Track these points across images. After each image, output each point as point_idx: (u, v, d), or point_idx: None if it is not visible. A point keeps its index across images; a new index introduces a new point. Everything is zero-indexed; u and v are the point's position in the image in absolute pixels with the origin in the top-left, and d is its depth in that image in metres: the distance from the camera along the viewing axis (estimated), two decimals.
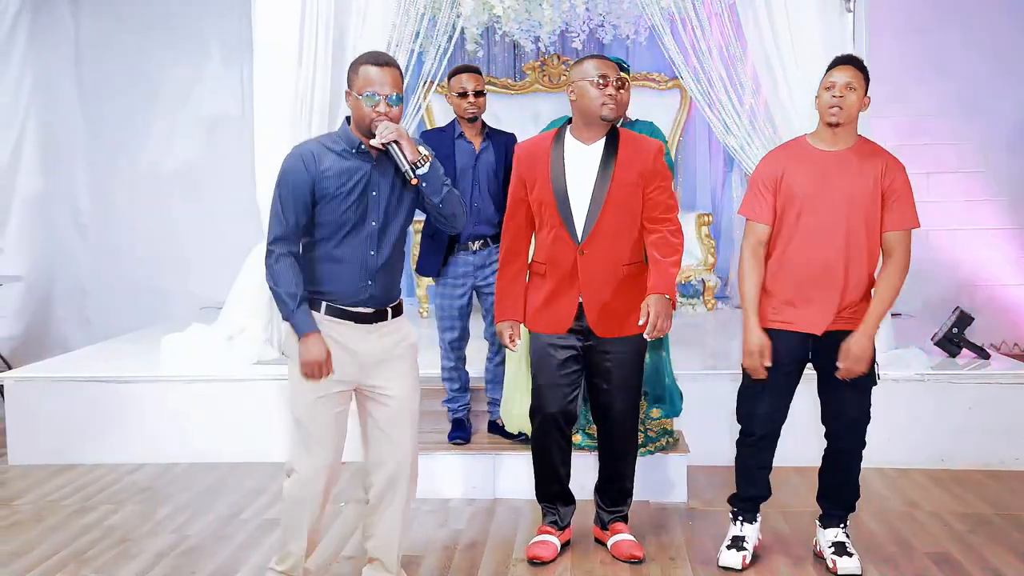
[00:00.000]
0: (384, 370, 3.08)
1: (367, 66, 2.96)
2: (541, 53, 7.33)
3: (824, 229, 3.37)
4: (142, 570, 3.66)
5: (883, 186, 3.36)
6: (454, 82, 4.36)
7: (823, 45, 4.73)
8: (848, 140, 3.43)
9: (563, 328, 3.51)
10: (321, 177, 2.94)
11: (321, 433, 3.05)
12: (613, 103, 3.38)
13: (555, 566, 3.63)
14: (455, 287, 4.42)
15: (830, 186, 3.38)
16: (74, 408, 5.04)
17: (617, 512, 3.75)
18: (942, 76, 6.93)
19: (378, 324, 3.06)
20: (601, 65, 3.41)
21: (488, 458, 4.43)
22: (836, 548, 3.55)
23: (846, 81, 3.34)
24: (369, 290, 3.02)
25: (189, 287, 7.41)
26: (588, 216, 3.43)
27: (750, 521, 3.66)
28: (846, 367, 3.36)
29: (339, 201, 2.95)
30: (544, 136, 3.61)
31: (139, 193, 7.65)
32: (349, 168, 2.97)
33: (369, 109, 2.93)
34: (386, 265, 3.05)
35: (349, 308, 3.02)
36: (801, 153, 3.47)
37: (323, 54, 5.00)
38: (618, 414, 3.58)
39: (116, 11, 7.59)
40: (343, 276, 3.00)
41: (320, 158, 2.96)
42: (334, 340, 2.99)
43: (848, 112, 3.35)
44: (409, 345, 3.16)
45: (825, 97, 3.37)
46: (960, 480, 4.56)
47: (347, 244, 2.99)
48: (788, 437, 3.71)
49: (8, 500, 4.50)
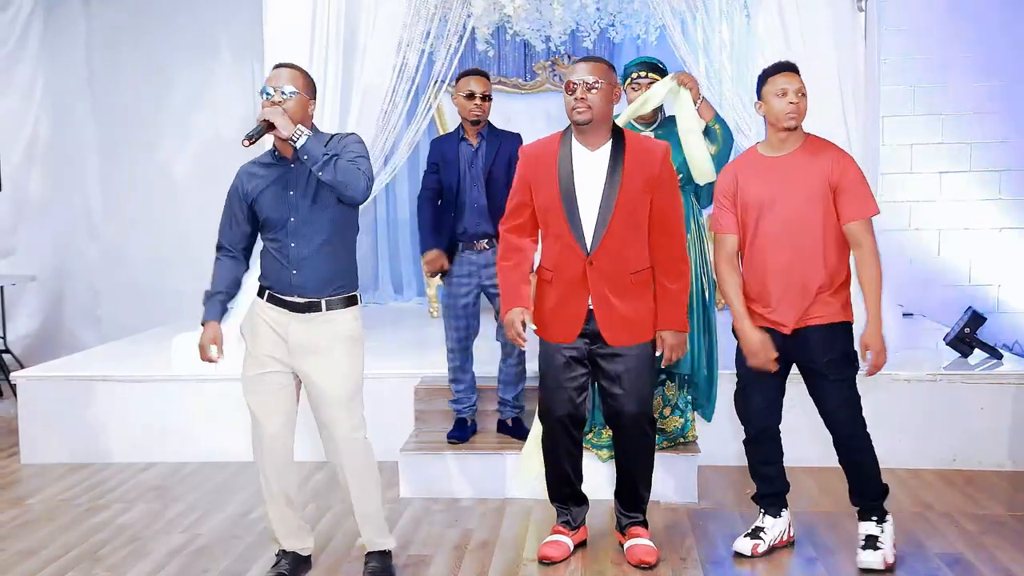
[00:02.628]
0: (311, 358, 3.36)
1: (272, 70, 3.40)
2: (552, 52, 7.33)
3: (781, 232, 3.48)
4: (153, 569, 3.67)
5: (833, 181, 3.45)
6: (461, 84, 4.40)
7: (834, 44, 4.73)
8: (796, 142, 3.54)
9: (571, 337, 3.51)
10: (252, 189, 3.37)
11: (259, 407, 3.42)
12: (583, 106, 3.35)
13: (566, 566, 3.63)
14: (460, 286, 4.44)
15: (783, 190, 3.48)
16: (86, 407, 5.06)
17: (634, 517, 3.72)
18: (953, 75, 6.90)
19: (311, 314, 3.36)
20: (572, 70, 3.42)
21: (499, 458, 4.43)
22: (867, 541, 3.57)
23: (798, 87, 3.49)
24: (294, 279, 3.34)
25: (200, 287, 7.38)
26: (597, 226, 3.41)
27: (773, 515, 3.73)
28: (872, 362, 3.48)
29: (263, 203, 3.36)
30: (550, 140, 3.54)
31: (151, 193, 7.69)
32: (270, 174, 3.37)
33: (263, 101, 3.31)
34: (311, 258, 3.33)
35: (282, 296, 3.37)
36: (752, 162, 3.59)
37: (334, 53, 5.00)
38: (629, 419, 3.55)
39: (128, 12, 7.63)
40: (274, 267, 3.38)
41: (252, 174, 3.40)
42: (269, 325, 3.38)
43: (803, 116, 3.51)
44: (345, 337, 3.40)
45: (780, 104, 3.48)
46: (972, 481, 4.54)
47: (276, 239, 3.36)
48: (797, 438, 3.71)
49: (20, 499, 4.52)
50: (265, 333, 3.39)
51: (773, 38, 4.88)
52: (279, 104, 3.26)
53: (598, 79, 3.36)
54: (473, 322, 4.51)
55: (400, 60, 5.22)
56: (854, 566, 3.54)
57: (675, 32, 5.13)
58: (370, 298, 7.98)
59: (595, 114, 3.37)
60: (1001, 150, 6.91)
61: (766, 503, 3.74)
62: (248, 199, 3.38)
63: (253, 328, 3.43)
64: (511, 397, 4.58)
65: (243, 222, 3.43)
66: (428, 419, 4.77)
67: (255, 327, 3.42)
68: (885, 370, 4.67)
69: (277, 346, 3.37)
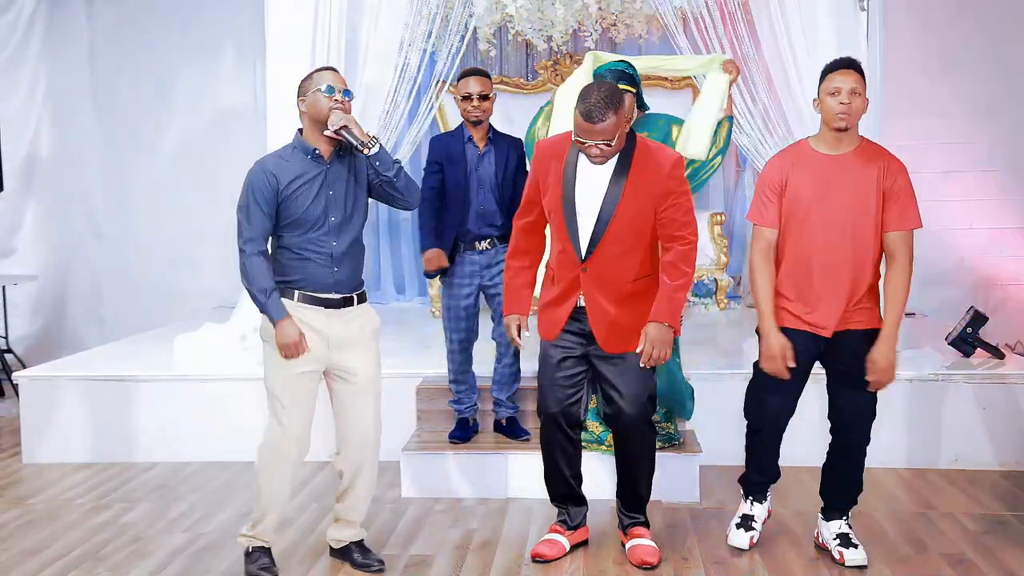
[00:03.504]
0: (351, 351, 3.45)
1: (321, 72, 3.40)
2: (553, 52, 7.32)
3: (828, 232, 3.41)
4: (155, 568, 3.68)
5: (884, 187, 3.39)
6: (461, 85, 4.38)
7: (837, 44, 4.72)
8: (851, 143, 3.45)
9: (552, 335, 3.53)
10: (283, 185, 3.32)
11: (292, 407, 3.41)
12: (600, 160, 3.32)
13: (567, 565, 3.63)
14: (461, 287, 4.43)
15: (833, 189, 3.40)
16: (88, 407, 5.06)
17: (635, 517, 3.71)
18: (957, 74, 6.89)
19: (345, 309, 3.44)
20: (583, 129, 3.25)
21: (500, 458, 4.43)
22: (841, 540, 3.58)
23: (851, 87, 3.37)
24: (335, 276, 3.40)
25: (203, 286, 7.43)
26: (592, 235, 3.40)
27: (760, 500, 3.75)
28: (876, 379, 3.41)
29: (301, 202, 3.33)
30: (564, 139, 3.49)
31: (153, 192, 7.68)
32: (306, 173, 3.35)
33: (327, 99, 3.31)
34: (347, 255, 3.42)
35: (319, 295, 3.39)
36: (804, 157, 3.49)
37: (336, 53, 5.01)
38: (629, 420, 3.53)
39: (130, 11, 7.62)
40: (311, 266, 3.38)
41: (280, 168, 3.34)
42: (307, 324, 3.36)
43: (855, 117, 3.39)
44: (373, 330, 3.53)
45: (831, 103, 3.38)
46: (975, 481, 4.54)
47: (312, 238, 3.37)
48: (798, 438, 3.71)
49: (23, 499, 4.52)
50: (302, 332, 3.36)
51: (775, 38, 4.88)
52: (344, 108, 3.31)
53: (608, 138, 3.25)
54: (474, 323, 4.51)
55: (402, 60, 5.22)
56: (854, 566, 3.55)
57: (677, 32, 5.13)
58: (372, 298, 7.94)
59: (610, 157, 3.35)
60: (1003, 149, 6.91)
61: (756, 490, 3.74)
62: (280, 194, 3.32)
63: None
64: (506, 397, 4.58)
65: (271, 217, 3.34)
66: (430, 419, 4.77)
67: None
68: None
69: (316, 344, 3.38)
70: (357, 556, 3.62)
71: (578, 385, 3.57)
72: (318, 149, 3.37)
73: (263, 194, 3.30)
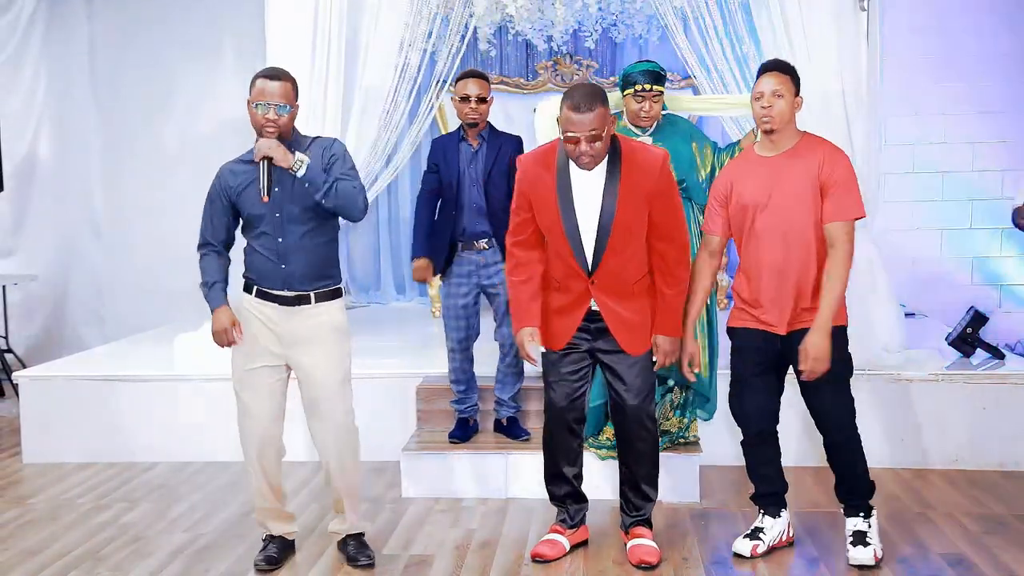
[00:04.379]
0: (304, 348, 3.49)
1: (258, 80, 3.39)
2: (554, 52, 7.33)
3: (773, 232, 3.46)
4: (156, 568, 3.68)
5: (822, 180, 3.42)
6: (459, 86, 4.41)
7: (837, 44, 4.72)
8: (789, 142, 3.51)
9: (560, 344, 3.55)
10: (234, 188, 3.47)
11: (251, 400, 3.54)
12: (587, 158, 3.27)
13: (567, 565, 3.63)
14: (460, 286, 4.44)
15: (776, 190, 3.46)
16: (89, 407, 5.07)
17: (638, 516, 3.71)
18: (956, 75, 6.90)
19: (300, 307, 3.47)
20: (568, 119, 3.23)
21: (501, 458, 4.43)
22: (855, 537, 3.58)
23: (772, 89, 3.44)
24: (283, 273, 3.43)
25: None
26: (596, 249, 3.40)
27: (772, 515, 3.71)
28: (808, 368, 3.41)
29: (249, 199, 3.44)
30: (546, 153, 3.44)
31: (153, 192, 7.69)
32: (252, 171, 3.43)
33: (260, 116, 3.36)
34: (298, 251, 3.43)
35: (272, 291, 3.47)
36: (749, 163, 3.59)
37: (336, 54, 5.00)
38: (630, 412, 3.56)
39: (130, 11, 7.63)
40: (261, 263, 3.46)
41: (234, 173, 3.48)
42: (261, 320, 3.48)
43: (780, 118, 3.45)
44: (332, 328, 3.52)
45: (755, 107, 3.48)
46: (975, 481, 4.54)
47: (261, 235, 3.45)
48: (797, 438, 3.71)
49: (23, 498, 4.53)
50: (257, 328, 3.49)
51: (775, 38, 4.87)
52: (273, 124, 3.34)
53: (596, 128, 3.22)
54: (473, 322, 4.51)
55: (402, 60, 5.22)
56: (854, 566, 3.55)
57: (677, 32, 5.13)
58: (372, 298, 7.98)
59: (599, 159, 3.32)
60: (1003, 150, 6.92)
61: (764, 503, 3.73)
62: (231, 196, 3.47)
63: (243, 324, 3.52)
64: (508, 397, 4.59)
65: (225, 219, 3.51)
66: (430, 419, 4.77)
67: (246, 323, 3.52)
68: (887, 370, 4.72)
69: (270, 340, 3.49)
70: (351, 549, 3.67)
71: (584, 379, 3.60)
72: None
73: (216, 196, 3.50)
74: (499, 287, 4.41)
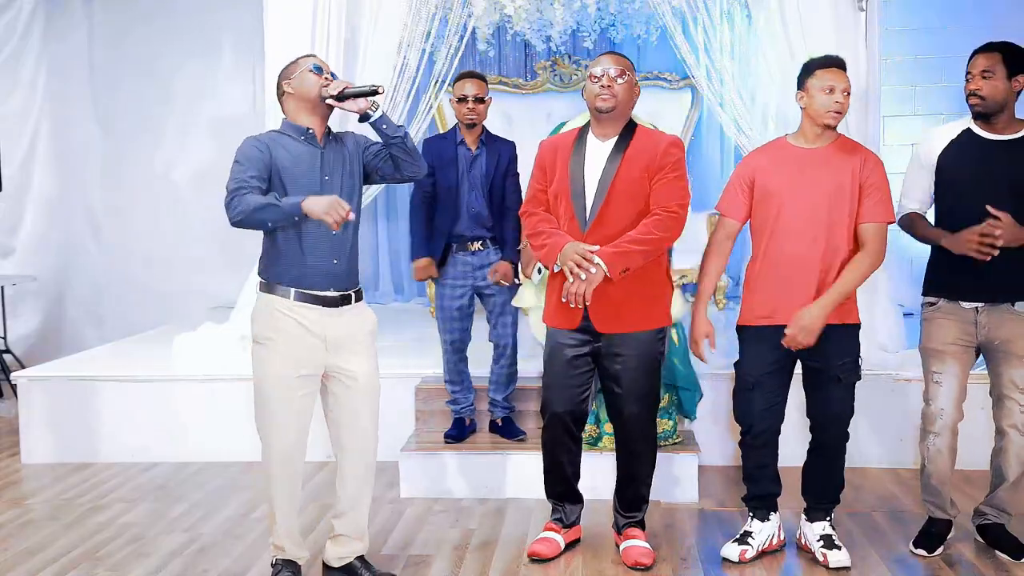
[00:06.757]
0: (350, 352, 3.28)
1: (306, 57, 3.29)
2: (552, 52, 7.33)
3: (803, 225, 3.44)
4: (155, 568, 3.68)
5: (860, 180, 3.43)
6: (457, 87, 4.42)
7: (835, 44, 4.71)
8: (830, 138, 3.52)
9: (574, 323, 3.50)
10: (283, 161, 3.14)
11: (288, 412, 3.22)
12: (607, 94, 3.42)
13: (566, 566, 3.63)
14: (454, 287, 4.45)
15: (809, 183, 3.44)
16: (87, 407, 5.06)
17: (631, 517, 3.72)
18: (955, 75, 6.88)
19: (343, 308, 3.26)
20: (597, 62, 3.49)
21: (499, 458, 4.43)
22: (825, 542, 3.58)
23: (844, 86, 3.44)
24: (334, 270, 3.21)
25: (201, 287, 7.43)
26: (593, 205, 3.45)
27: (761, 519, 3.68)
28: (791, 334, 3.40)
29: (298, 182, 3.14)
30: (569, 133, 3.66)
31: (152, 193, 7.69)
32: (302, 153, 3.18)
33: (316, 77, 3.18)
34: (348, 245, 3.25)
35: (317, 292, 3.20)
36: (780, 152, 3.56)
37: (335, 54, 5.00)
38: (630, 417, 3.57)
39: (130, 11, 7.63)
40: (312, 258, 3.18)
41: (281, 146, 3.18)
42: (304, 327, 3.19)
43: (844, 115, 3.48)
44: (370, 330, 3.38)
45: (826, 100, 3.44)
46: (972, 481, 4.52)
47: (311, 228, 3.14)
48: (796, 438, 3.70)
49: (22, 499, 4.52)
50: (297, 334, 3.18)
51: (774, 38, 4.88)
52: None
53: (624, 70, 3.45)
54: (467, 324, 4.53)
55: (401, 60, 5.22)
56: (854, 566, 3.54)
57: (676, 32, 5.13)
58: (371, 298, 7.96)
59: (618, 103, 3.45)
60: None
61: (754, 506, 3.70)
62: (275, 168, 3.13)
63: (278, 329, 3.19)
64: (502, 397, 4.59)
65: (267, 172, 3.12)
66: (429, 419, 4.77)
67: (283, 328, 3.19)
68: (885, 370, 4.72)
69: (313, 347, 3.20)
70: (364, 573, 3.42)
71: (586, 383, 3.60)
72: (311, 129, 3.22)
73: (258, 157, 3.11)
74: (493, 288, 4.42)
